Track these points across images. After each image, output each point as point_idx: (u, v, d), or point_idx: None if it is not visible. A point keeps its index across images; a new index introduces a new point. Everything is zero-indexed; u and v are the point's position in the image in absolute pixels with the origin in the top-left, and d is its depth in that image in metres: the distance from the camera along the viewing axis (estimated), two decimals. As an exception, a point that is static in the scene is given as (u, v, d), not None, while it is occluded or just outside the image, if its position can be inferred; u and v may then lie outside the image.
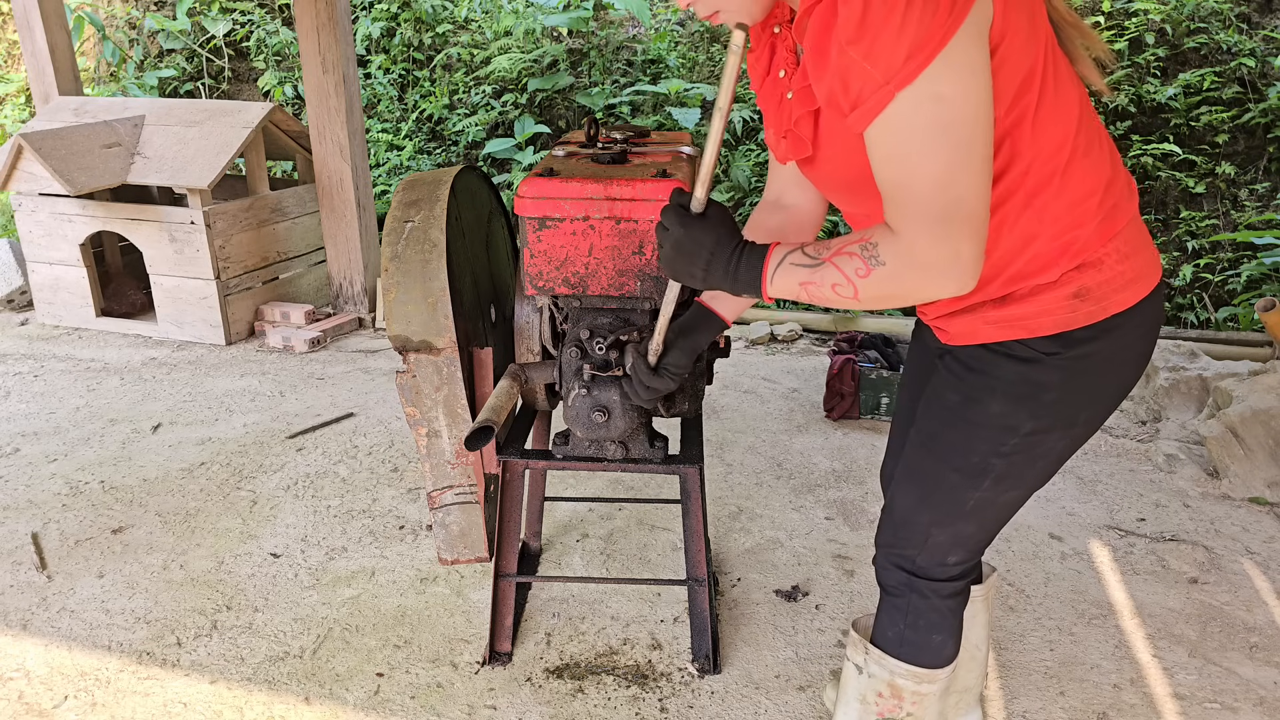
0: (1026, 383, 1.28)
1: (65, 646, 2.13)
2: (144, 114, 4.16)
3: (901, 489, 1.46)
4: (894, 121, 1.08)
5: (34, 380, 3.69)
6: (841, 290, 1.20)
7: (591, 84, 5.86)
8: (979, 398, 1.32)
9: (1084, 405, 1.31)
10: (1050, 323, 1.24)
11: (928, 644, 1.49)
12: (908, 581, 1.47)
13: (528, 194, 1.62)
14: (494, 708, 1.94)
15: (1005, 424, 1.31)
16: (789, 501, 2.78)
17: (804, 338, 4.21)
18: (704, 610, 2.02)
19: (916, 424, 1.45)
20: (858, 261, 1.18)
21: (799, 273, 1.23)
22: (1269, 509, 2.72)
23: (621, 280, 1.67)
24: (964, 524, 1.41)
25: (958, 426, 1.36)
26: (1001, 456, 1.33)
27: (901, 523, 1.46)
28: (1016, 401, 1.29)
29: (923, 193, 1.10)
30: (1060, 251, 1.22)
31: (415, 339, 1.73)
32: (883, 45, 1.04)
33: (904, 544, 1.47)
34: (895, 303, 1.21)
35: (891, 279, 1.16)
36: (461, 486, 1.87)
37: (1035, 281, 1.23)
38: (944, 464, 1.38)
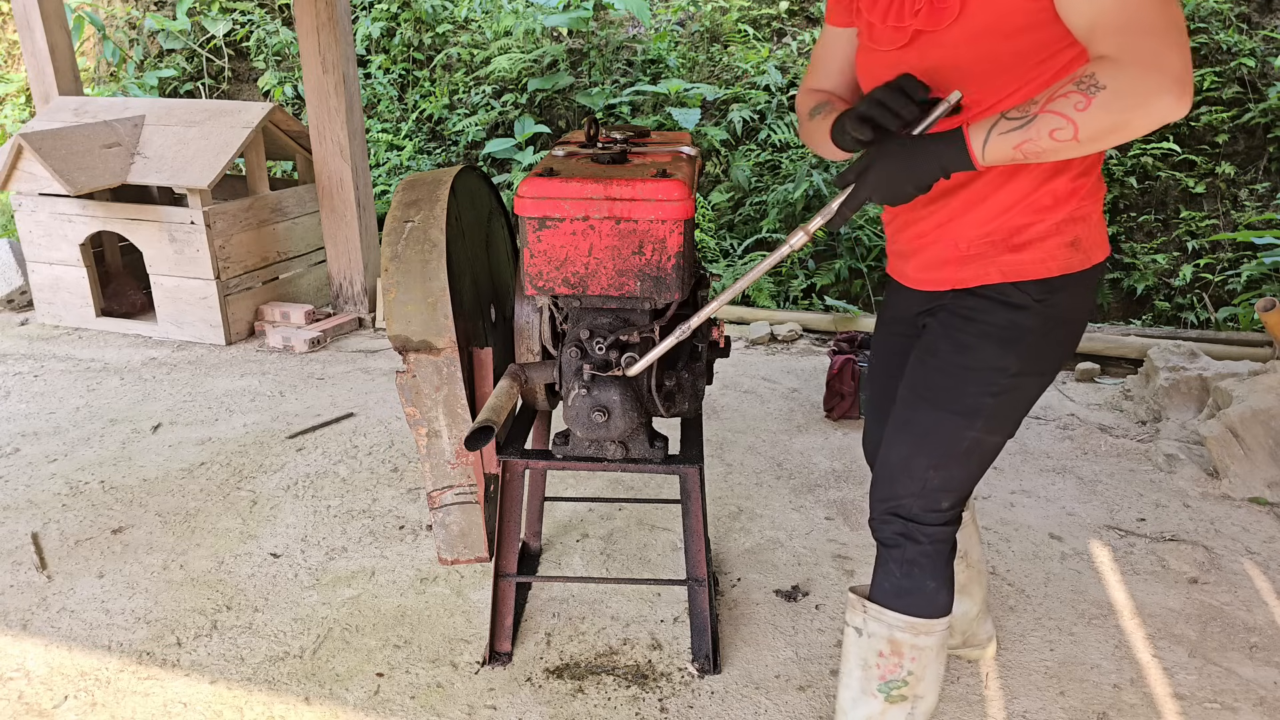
0: (1014, 327, 1.43)
1: (65, 646, 2.13)
2: (144, 114, 4.16)
3: (896, 441, 1.55)
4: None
5: (34, 380, 3.69)
6: (1061, 134, 1.18)
7: (591, 84, 5.86)
8: (972, 343, 1.46)
9: (1049, 353, 1.47)
10: (1054, 265, 1.40)
11: (922, 590, 1.55)
12: (903, 529, 1.54)
13: (528, 194, 1.62)
14: (494, 708, 1.94)
15: (996, 365, 1.44)
16: (789, 501, 2.78)
17: (804, 338, 4.21)
18: (704, 610, 2.02)
19: (906, 382, 1.55)
20: (1076, 97, 1.17)
21: (1011, 137, 1.22)
22: (1269, 509, 2.72)
23: (621, 280, 1.67)
24: (957, 466, 1.51)
25: (951, 372, 1.48)
26: (993, 396, 1.45)
27: (900, 471, 1.53)
28: (1005, 344, 1.43)
29: (1146, 11, 1.16)
30: (1071, 192, 1.38)
31: (415, 339, 1.73)
32: None
33: (901, 492, 1.54)
34: (1115, 135, 1.18)
35: (1116, 103, 1.14)
36: (461, 486, 1.87)
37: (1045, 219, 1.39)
38: (940, 409, 1.49)
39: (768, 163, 5.37)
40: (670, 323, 1.77)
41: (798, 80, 5.62)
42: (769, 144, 5.40)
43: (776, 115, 5.48)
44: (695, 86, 5.57)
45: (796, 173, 5.12)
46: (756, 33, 5.95)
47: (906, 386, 1.55)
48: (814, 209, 5.02)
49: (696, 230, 5.12)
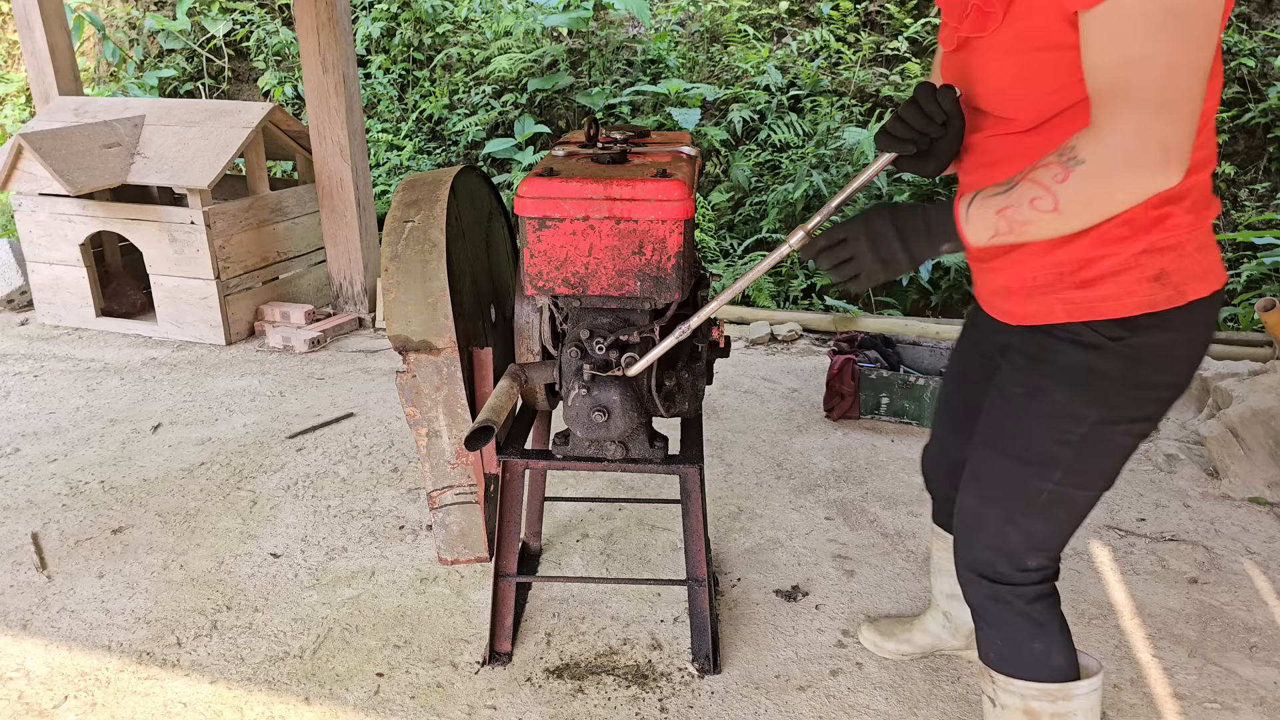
0: (1088, 370, 1.29)
1: (65, 646, 2.13)
2: (144, 114, 4.16)
3: (967, 491, 1.46)
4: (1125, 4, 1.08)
5: (34, 380, 3.69)
6: (1041, 204, 1.16)
7: (591, 84, 5.86)
8: (1042, 386, 1.33)
9: (1139, 399, 1.31)
10: (1132, 303, 1.25)
11: (1029, 655, 1.45)
12: (991, 592, 1.45)
13: (528, 194, 1.62)
14: (494, 708, 1.94)
15: (1068, 411, 1.31)
16: (789, 501, 2.78)
17: (804, 338, 4.21)
18: (704, 610, 2.02)
19: (981, 424, 1.44)
20: (1055, 169, 1.15)
21: (994, 202, 1.21)
22: (1269, 509, 2.72)
23: (621, 280, 1.67)
24: (1038, 521, 1.39)
25: (1020, 417, 1.36)
26: (1068, 445, 1.33)
27: (975, 525, 1.44)
28: (1077, 389, 1.30)
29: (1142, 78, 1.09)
30: (1154, 222, 1.22)
31: (415, 339, 1.73)
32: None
33: (980, 549, 1.44)
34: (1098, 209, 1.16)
35: (1093, 176, 1.12)
36: (461, 486, 1.87)
37: (1119, 251, 1.23)
38: (1010, 457, 1.38)
39: (768, 163, 5.37)
40: (670, 323, 1.77)
41: (798, 80, 5.62)
42: (769, 144, 5.40)
43: (776, 115, 5.48)
44: (695, 86, 5.57)
45: (796, 173, 5.12)
46: (756, 33, 5.95)
47: (982, 427, 1.44)
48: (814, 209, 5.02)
49: (696, 230, 5.12)
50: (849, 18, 5.85)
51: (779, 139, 5.32)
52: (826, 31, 5.77)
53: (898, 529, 2.63)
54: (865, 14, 5.93)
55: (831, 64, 5.74)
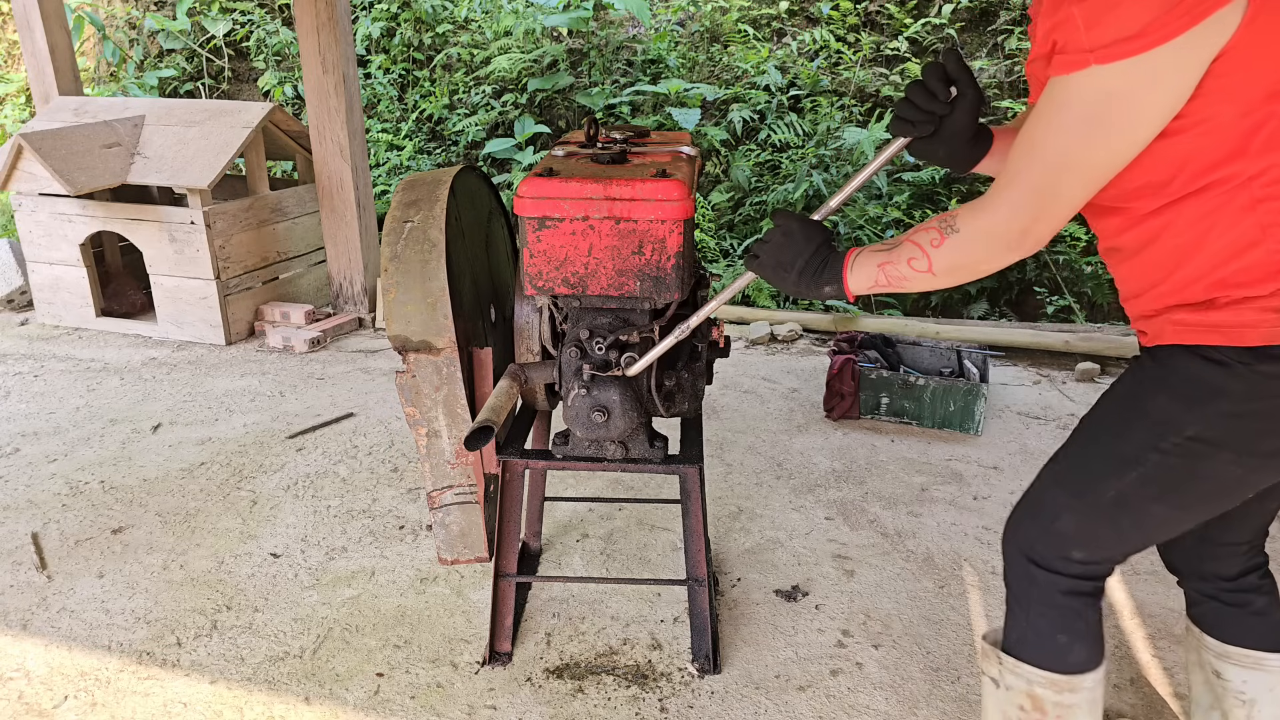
0: (1202, 384, 1.20)
1: (65, 646, 2.13)
2: (144, 114, 4.16)
3: (1047, 467, 1.42)
4: (1067, 89, 1.12)
5: (34, 380, 3.69)
6: (917, 264, 1.28)
7: (591, 84, 5.86)
8: (1149, 388, 1.27)
9: (1259, 430, 1.20)
10: (1255, 335, 1.16)
11: (1052, 644, 1.40)
12: (1027, 572, 1.40)
13: (527, 194, 1.62)
14: (494, 708, 1.94)
15: (1166, 418, 1.23)
16: (789, 501, 2.78)
17: (804, 338, 4.21)
18: (704, 610, 2.02)
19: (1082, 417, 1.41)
20: (934, 233, 1.26)
21: (876, 257, 1.32)
22: (1269, 509, 2.71)
23: (621, 280, 1.67)
24: (1100, 519, 1.32)
25: (1120, 411, 1.31)
26: (1159, 453, 1.24)
27: (1036, 500, 1.41)
28: (1185, 400, 1.21)
29: (1039, 160, 1.16)
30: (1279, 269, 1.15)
31: (415, 339, 1.73)
32: (1105, 14, 1.06)
33: (1029, 524, 1.40)
34: (967, 274, 1.27)
35: (962, 246, 1.24)
36: (461, 486, 1.87)
37: (1244, 293, 1.16)
38: (1096, 444, 1.33)
39: (768, 163, 5.37)
40: (670, 323, 1.77)
41: (798, 80, 5.62)
42: (769, 144, 5.40)
43: (776, 115, 5.48)
44: (695, 86, 5.57)
45: (796, 173, 5.12)
46: (756, 33, 5.95)
47: (1086, 415, 1.40)
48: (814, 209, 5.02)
49: (696, 230, 5.12)
50: (849, 18, 5.85)
51: (779, 139, 5.32)
52: (826, 31, 5.77)
53: (898, 529, 2.62)
54: (865, 14, 5.93)
55: (831, 64, 5.74)
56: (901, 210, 4.92)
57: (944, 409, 3.21)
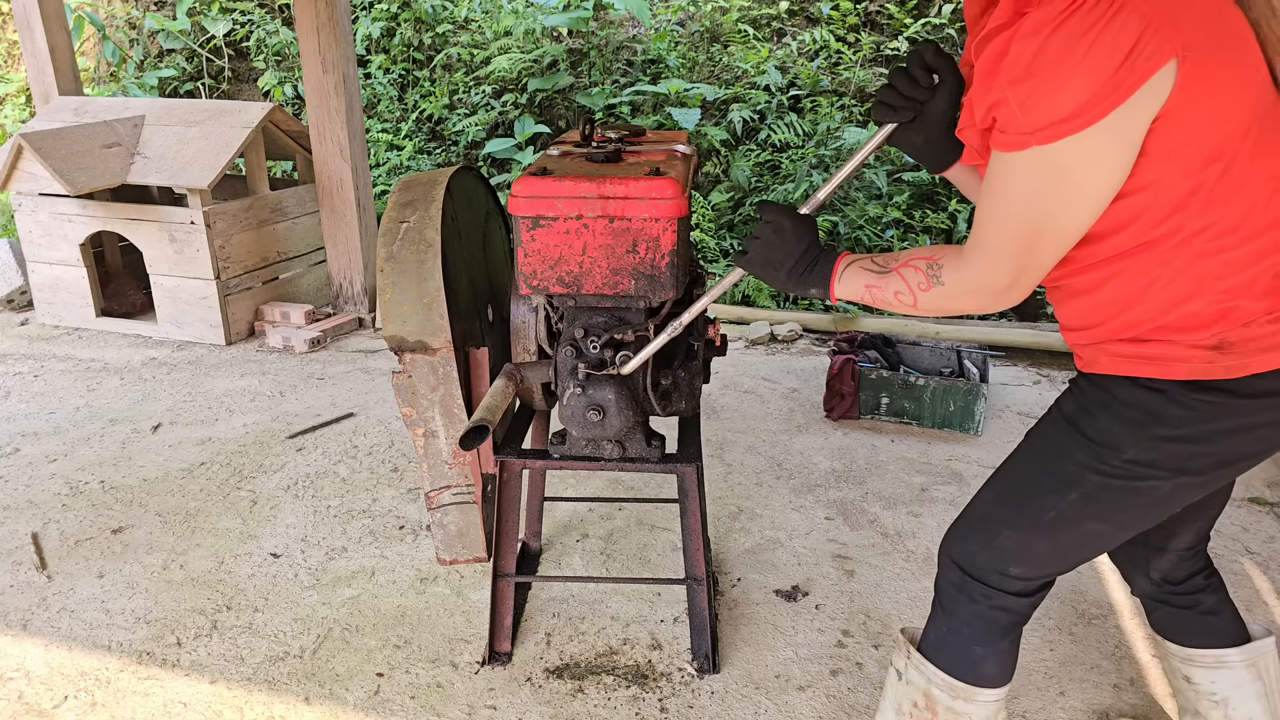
0: (1144, 410, 1.23)
1: (65, 646, 2.13)
2: (144, 114, 4.16)
3: (988, 484, 1.45)
4: (1015, 164, 1.14)
5: (34, 380, 3.69)
6: (903, 298, 1.32)
7: (591, 84, 5.86)
8: (1092, 410, 1.29)
9: (1202, 456, 1.23)
10: (1183, 370, 1.20)
11: (966, 654, 1.44)
12: (960, 582, 1.43)
13: (521, 193, 1.62)
14: (494, 708, 1.94)
15: (1106, 441, 1.26)
16: (789, 501, 2.78)
17: (804, 338, 4.21)
18: (703, 610, 2.02)
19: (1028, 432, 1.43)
20: (921, 277, 1.30)
21: (866, 276, 1.36)
22: (1269, 509, 2.71)
23: (615, 279, 1.67)
24: (1037, 536, 1.35)
25: (1063, 431, 1.33)
26: (1099, 474, 1.28)
27: (977, 517, 1.44)
28: (1127, 424, 1.25)
29: (1004, 230, 1.19)
30: (1217, 317, 1.18)
31: (411, 339, 1.72)
32: (1039, 99, 1.08)
33: (970, 538, 1.43)
34: (947, 314, 1.34)
35: (947, 297, 1.28)
36: (459, 486, 1.87)
37: (1181, 338, 1.20)
38: (1039, 464, 1.36)
39: (768, 163, 5.37)
40: (665, 321, 1.76)
41: (798, 80, 5.62)
42: (769, 144, 5.40)
43: (776, 115, 5.48)
44: (695, 86, 5.57)
45: (796, 173, 5.11)
46: (756, 33, 5.95)
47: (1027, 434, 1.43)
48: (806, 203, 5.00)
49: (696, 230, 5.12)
50: (849, 18, 5.85)
51: (779, 139, 5.32)
52: (826, 31, 5.77)
53: (898, 529, 2.62)
54: (865, 14, 5.93)
55: (831, 64, 5.74)
56: (901, 210, 4.92)
57: (944, 409, 3.21)
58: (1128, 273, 1.21)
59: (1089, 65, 1.05)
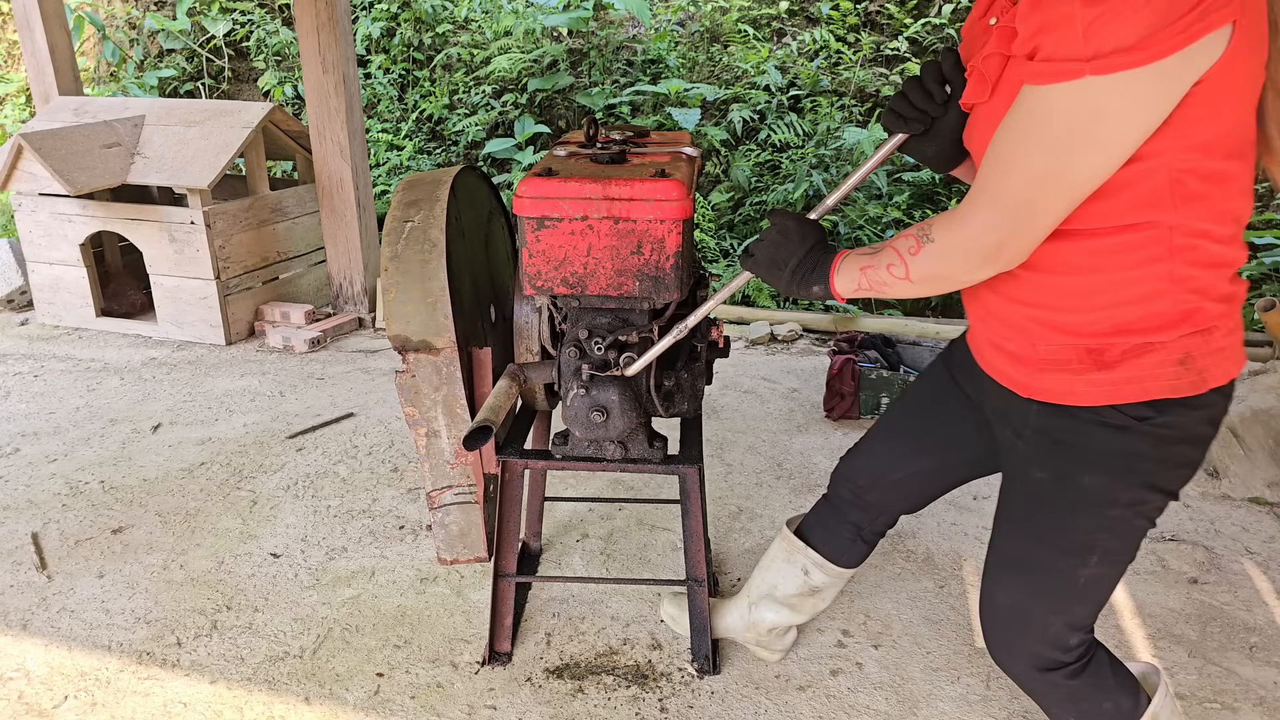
0: (1120, 453, 1.25)
1: (65, 646, 2.13)
2: (144, 114, 4.16)
3: (1005, 583, 1.42)
4: (1050, 99, 1.07)
5: (34, 380, 3.69)
6: (895, 270, 1.28)
7: (591, 84, 5.86)
8: (1071, 473, 1.29)
9: (1170, 473, 1.28)
10: (1153, 388, 1.21)
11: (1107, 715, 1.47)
12: (1044, 680, 1.44)
13: (526, 194, 1.62)
14: (494, 708, 1.94)
15: (1103, 497, 1.28)
16: (789, 501, 2.78)
17: (804, 338, 4.21)
18: (703, 611, 2.02)
19: (1005, 509, 1.42)
20: (911, 241, 1.26)
21: (860, 260, 1.33)
22: (1269, 509, 2.71)
23: (620, 280, 1.67)
24: (1079, 605, 1.38)
25: (1055, 507, 1.32)
26: (1105, 530, 1.30)
27: (1017, 619, 1.42)
28: (1113, 473, 1.26)
29: (1015, 175, 1.13)
30: (1182, 317, 1.18)
31: (414, 339, 1.72)
32: (1109, 21, 1.01)
33: (1024, 640, 1.42)
34: (944, 285, 1.28)
35: (938, 255, 1.24)
36: (461, 486, 1.87)
37: (1141, 339, 1.19)
38: (1049, 548, 1.35)
39: (768, 163, 5.37)
40: (669, 323, 1.77)
41: (798, 80, 5.62)
42: (769, 144, 5.40)
43: (776, 115, 5.48)
44: (695, 86, 5.57)
45: (796, 173, 5.12)
46: (756, 33, 5.95)
47: (1006, 515, 1.42)
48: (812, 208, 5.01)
49: (696, 230, 5.12)
50: (849, 18, 5.85)
51: (779, 139, 5.33)
52: (826, 31, 5.77)
53: (897, 529, 2.62)
54: (865, 14, 5.93)
55: (831, 64, 5.74)
56: (901, 210, 4.93)
57: (944, 409, 3.21)
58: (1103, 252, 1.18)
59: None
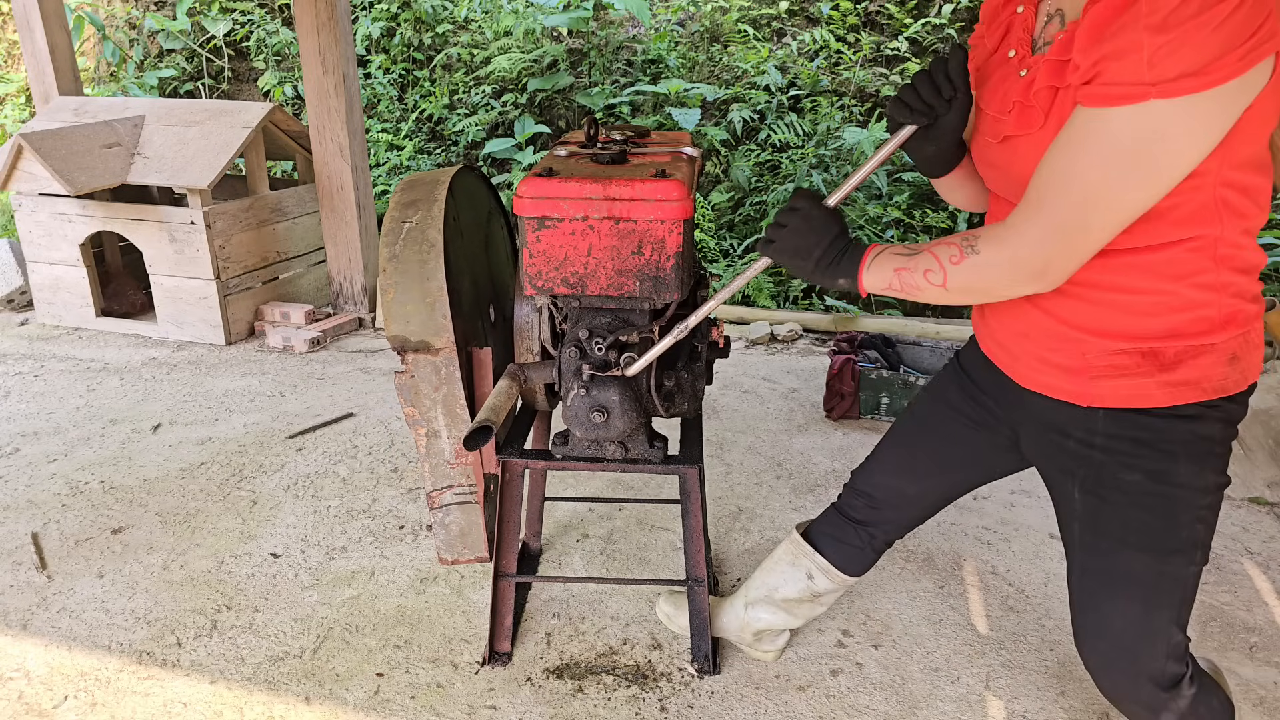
0: (1200, 439, 1.28)
1: (65, 646, 2.13)
2: (144, 114, 4.16)
3: (1118, 604, 1.37)
4: (1112, 121, 1.10)
5: (34, 380, 3.69)
6: (932, 276, 1.27)
7: (591, 84, 5.86)
8: (1164, 467, 1.29)
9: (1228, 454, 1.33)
10: (1211, 387, 1.25)
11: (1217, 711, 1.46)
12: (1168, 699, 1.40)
13: (527, 194, 1.62)
14: (494, 708, 1.94)
15: (1197, 485, 1.30)
16: (789, 501, 2.78)
17: (804, 338, 4.21)
18: (703, 610, 2.02)
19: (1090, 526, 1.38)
20: (954, 250, 1.26)
21: (895, 260, 1.31)
22: (1269, 509, 2.71)
23: (620, 280, 1.67)
24: (1187, 609, 1.36)
25: (1157, 507, 1.31)
26: (1201, 521, 1.31)
27: (1139, 640, 1.37)
28: (1200, 460, 1.29)
29: (1068, 194, 1.14)
30: (1228, 319, 1.23)
31: (413, 339, 1.73)
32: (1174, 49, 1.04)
33: (1152, 659, 1.37)
34: (978, 296, 1.29)
35: (981, 268, 1.23)
36: (461, 486, 1.87)
37: (1194, 342, 1.23)
38: (1157, 553, 1.32)
39: (768, 163, 5.37)
40: (669, 323, 1.77)
41: (798, 80, 5.62)
42: (769, 144, 5.40)
43: (776, 115, 5.48)
44: (695, 86, 5.57)
45: (796, 173, 5.12)
46: (756, 33, 5.95)
47: (1098, 532, 1.37)
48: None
49: (697, 230, 5.12)
50: (849, 18, 5.85)
51: (779, 139, 5.33)
52: (826, 31, 5.77)
53: (897, 529, 2.62)
54: (865, 14, 5.93)
55: (831, 64, 5.74)
56: (901, 210, 4.92)
57: (944, 409, 3.21)
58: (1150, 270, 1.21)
59: (1229, 27, 1.03)
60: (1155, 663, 1.37)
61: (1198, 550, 1.32)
